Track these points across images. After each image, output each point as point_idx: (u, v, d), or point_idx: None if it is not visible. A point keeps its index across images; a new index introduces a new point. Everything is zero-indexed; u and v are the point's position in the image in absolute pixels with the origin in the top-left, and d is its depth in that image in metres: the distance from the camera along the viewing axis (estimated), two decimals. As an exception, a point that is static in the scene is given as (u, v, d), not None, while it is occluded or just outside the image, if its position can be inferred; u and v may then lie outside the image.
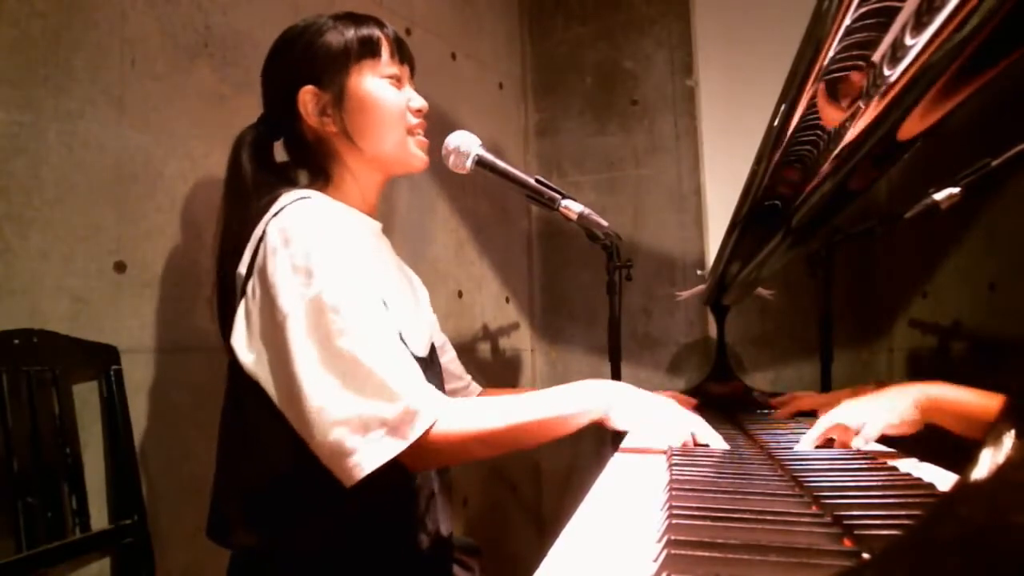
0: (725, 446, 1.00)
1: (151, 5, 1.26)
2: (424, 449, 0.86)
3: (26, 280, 1.08)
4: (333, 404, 0.85)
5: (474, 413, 0.90)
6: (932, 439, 0.97)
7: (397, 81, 1.07)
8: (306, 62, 1.04)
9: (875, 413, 0.99)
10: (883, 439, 1.01)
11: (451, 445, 0.88)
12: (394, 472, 0.87)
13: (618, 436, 1.10)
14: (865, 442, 0.97)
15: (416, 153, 1.10)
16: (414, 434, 0.85)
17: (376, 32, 1.06)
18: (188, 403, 1.26)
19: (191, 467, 1.24)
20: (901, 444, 1.00)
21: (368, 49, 1.05)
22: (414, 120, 1.09)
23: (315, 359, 0.86)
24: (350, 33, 1.04)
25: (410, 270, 1.29)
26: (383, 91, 1.05)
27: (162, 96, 1.27)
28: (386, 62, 1.06)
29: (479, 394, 1.36)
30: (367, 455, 0.84)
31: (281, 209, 0.94)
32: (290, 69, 1.05)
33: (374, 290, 0.95)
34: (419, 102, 1.09)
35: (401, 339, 1.00)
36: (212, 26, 1.35)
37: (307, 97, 1.03)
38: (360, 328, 0.87)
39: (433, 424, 0.86)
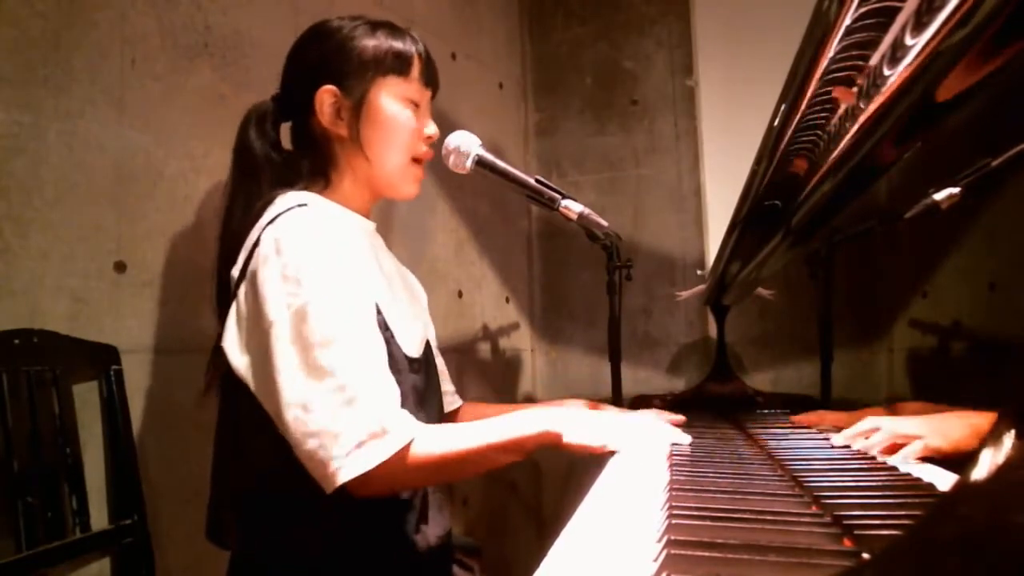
0: (686, 439, 1.04)
1: (151, 5, 1.25)
2: (390, 471, 0.86)
3: (26, 280, 1.08)
4: (309, 414, 0.85)
5: (440, 438, 0.91)
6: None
7: (416, 106, 1.08)
8: (335, 62, 1.04)
9: (924, 433, 0.95)
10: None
11: (418, 467, 0.88)
12: None
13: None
14: (904, 460, 0.93)
15: (410, 183, 1.11)
16: (383, 454, 0.85)
17: (411, 49, 1.06)
18: (188, 403, 1.26)
19: (191, 467, 1.24)
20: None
21: (399, 65, 1.05)
22: (423, 148, 1.09)
23: (295, 367, 0.87)
24: (385, 44, 1.04)
25: (408, 271, 1.29)
26: (401, 113, 1.06)
27: (162, 96, 1.27)
28: (413, 83, 1.06)
29: (460, 407, 1.36)
30: (337, 467, 0.84)
31: (277, 216, 0.94)
32: (317, 64, 1.05)
33: (365, 300, 0.95)
34: (432, 129, 1.10)
35: (395, 341, 1.01)
36: (212, 26, 1.35)
37: (325, 96, 1.03)
38: (341, 341, 0.88)
39: (403, 447, 0.87)
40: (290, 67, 1.09)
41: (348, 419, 0.85)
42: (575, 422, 0.97)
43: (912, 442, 0.95)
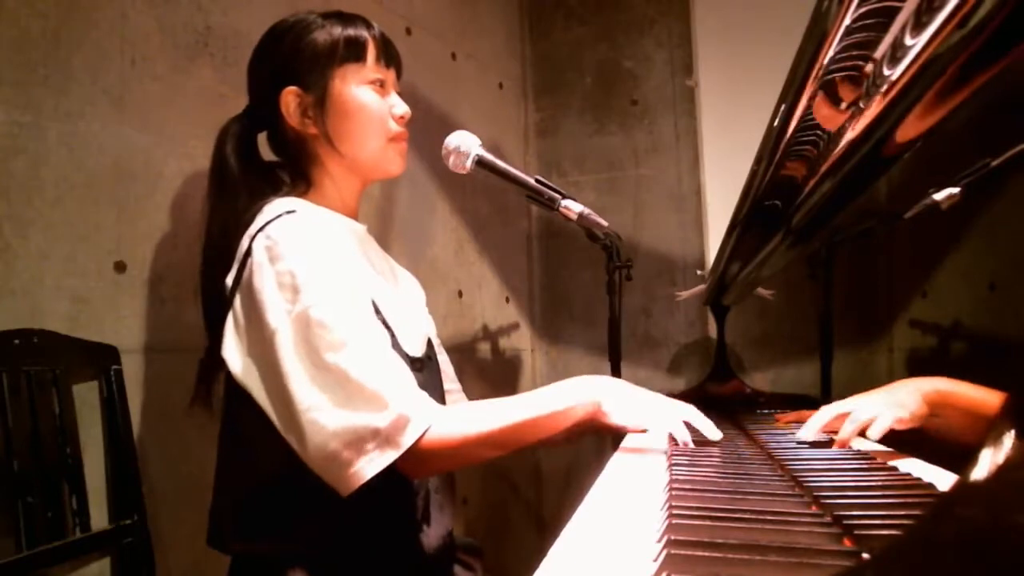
0: (719, 435, 1.01)
1: (151, 5, 1.25)
2: (420, 456, 0.87)
3: (26, 280, 1.08)
4: (325, 419, 0.85)
5: (468, 417, 0.91)
6: (932, 440, 0.97)
7: (381, 86, 1.07)
8: (291, 62, 1.03)
9: (883, 409, 0.98)
10: (888, 436, 1.00)
11: (447, 450, 0.88)
12: (390, 475, 0.87)
13: (618, 436, 1.10)
14: (871, 436, 0.97)
15: (394, 159, 1.09)
16: (407, 441, 0.85)
17: (363, 33, 1.05)
18: (188, 403, 1.26)
19: (191, 467, 1.24)
20: (902, 444, 1.00)
21: (353, 52, 1.04)
22: (396, 128, 1.08)
23: (305, 375, 0.87)
24: (336, 33, 1.03)
25: (403, 270, 1.29)
26: (365, 97, 1.04)
27: (162, 96, 1.27)
28: (371, 66, 1.05)
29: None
30: (362, 465, 0.84)
31: (267, 223, 0.94)
32: (275, 68, 1.05)
33: (363, 298, 0.95)
34: (402, 108, 1.08)
35: (395, 341, 1.00)
36: (212, 26, 1.35)
37: (289, 98, 1.03)
38: (348, 341, 0.87)
39: (427, 430, 0.87)
40: (252, 77, 1.09)
41: (368, 415, 0.85)
42: (621, 396, 0.96)
43: (873, 423, 0.97)
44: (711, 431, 1.01)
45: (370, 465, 0.84)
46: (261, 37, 1.08)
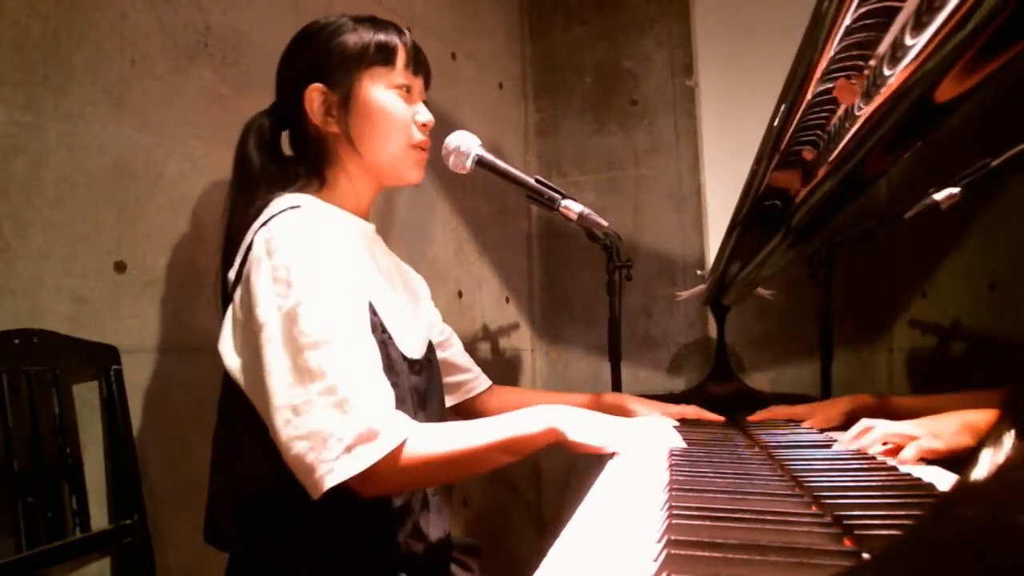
0: (682, 444, 1.04)
1: (151, 5, 1.25)
2: (383, 472, 0.84)
3: (26, 280, 1.08)
4: (297, 417, 0.84)
5: (435, 438, 0.89)
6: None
7: (407, 92, 1.07)
8: (319, 60, 1.04)
9: (922, 435, 0.95)
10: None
11: (413, 469, 0.87)
12: None
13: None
14: (899, 464, 0.93)
15: (411, 167, 1.10)
16: (372, 457, 0.83)
17: (394, 39, 1.06)
18: (188, 403, 1.26)
19: (191, 467, 1.24)
20: None
21: (383, 55, 1.04)
22: (419, 135, 1.08)
23: (285, 370, 0.86)
24: (367, 37, 1.04)
25: (410, 268, 1.29)
26: (390, 101, 1.05)
27: (162, 96, 1.27)
28: (399, 71, 1.06)
29: (487, 390, 1.37)
30: (326, 471, 0.82)
31: (271, 218, 0.94)
32: (303, 64, 1.06)
33: (357, 301, 0.94)
34: (426, 116, 1.09)
35: (392, 343, 1.00)
36: (212, 26, 1.35)
37: (314, 95, 1.04)
38: (332, 343, 0.86)
39: (394, 449, 0.85)
40: (281, 73, 1.09)
41: (338, 422, 0.83)
42: (578, 420, 0.97)
43: (908, 444, 0.94)
44: (676, 442, 1.04)
45: (331, 474, 0.82)
46: (293, 37, 1.09)
